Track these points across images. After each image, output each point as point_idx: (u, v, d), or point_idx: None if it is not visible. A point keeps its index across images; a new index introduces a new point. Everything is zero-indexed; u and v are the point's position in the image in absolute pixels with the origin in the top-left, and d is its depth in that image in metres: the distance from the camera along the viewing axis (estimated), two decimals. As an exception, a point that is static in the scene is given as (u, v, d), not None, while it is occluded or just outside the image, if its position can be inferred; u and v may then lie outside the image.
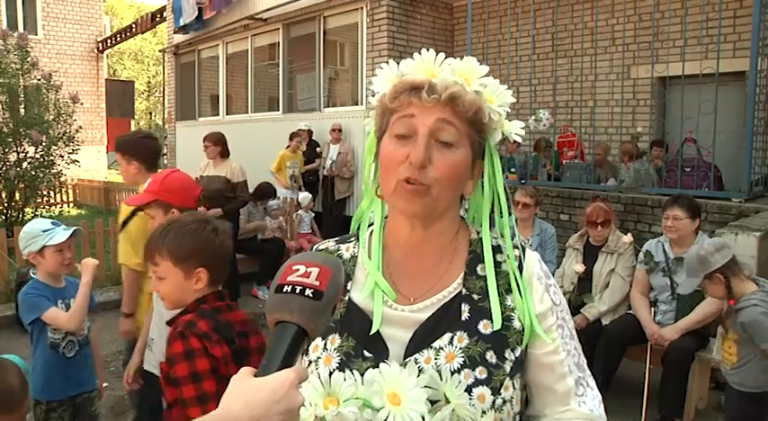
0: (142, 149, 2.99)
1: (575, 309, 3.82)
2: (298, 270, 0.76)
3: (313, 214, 7.34)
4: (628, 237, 3.87)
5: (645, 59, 6.56)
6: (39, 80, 8.77)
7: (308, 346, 0.96)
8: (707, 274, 2.72)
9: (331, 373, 0.89)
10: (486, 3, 6.71)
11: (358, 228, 1.05)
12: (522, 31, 7.07)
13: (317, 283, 0.74)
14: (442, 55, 0.94)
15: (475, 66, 0.94)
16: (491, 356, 0.90)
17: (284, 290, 0.74)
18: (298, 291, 0.74)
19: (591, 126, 6.43)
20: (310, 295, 0.73)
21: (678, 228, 3.49)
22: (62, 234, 2.45)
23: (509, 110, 0.96)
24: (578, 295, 3.85)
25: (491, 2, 6.77)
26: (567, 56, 6.90)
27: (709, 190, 5.08)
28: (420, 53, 0.96)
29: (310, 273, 0.75)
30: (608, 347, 3.59)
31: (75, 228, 2.53)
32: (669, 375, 3.36)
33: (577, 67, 6.51)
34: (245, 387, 0.69)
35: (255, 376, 0.70)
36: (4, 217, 8.58)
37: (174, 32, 11.28)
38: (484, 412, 0.87)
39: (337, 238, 1.09)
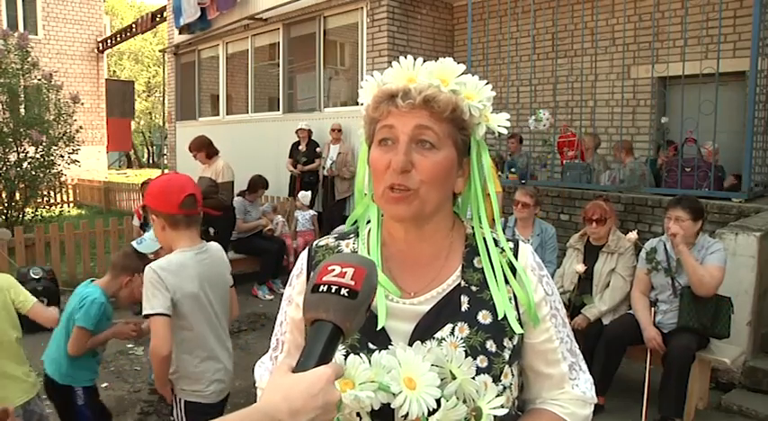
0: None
1: (575, 309, 3.82)
2: (333, 270, 0.78)
3: (316, 214, 7.33)
4: (632, 235, 3.87)
5: (645, 59, 6.55)
6: (39, 80, 8.77)
7: None
8: None
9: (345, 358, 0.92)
10: (487, 3, 6.71)
11: (356, 225, 1.08)
12: (522, 31, 7.06)
13: (352, 283, 0.76)
14: (420, 60, 0.96)
15: (451, 66, 0.96)
16: (491, 345, 0.94)
17: (320, 289, 0.77)
18: (333, 291, 0.76)
19: (591, 126, 6.44)
20: (345, 294, 0.76)
21: (681, 229, 3.48)
22: None
23: (488, 104, 0.98)
24: (579, 295, 3.85)
25: (491, 2, 6.77)
26: (567, 56, 6.91)
27: (710, 190, 5.08)
28: (414, 55, 0.97)
29: (345, 272, 0.77)
30: (608, 347, 3.59)
31: None
32: (669, 375, 3.36)
33: (577, 67, 6.50)
34: (283, 381, 0.73)
35: (293, 371, 0.73)
36: (4, 217, 8.59)
37: (180, 33, 11.24)
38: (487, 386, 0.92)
39: (336, 235, 1.11)
